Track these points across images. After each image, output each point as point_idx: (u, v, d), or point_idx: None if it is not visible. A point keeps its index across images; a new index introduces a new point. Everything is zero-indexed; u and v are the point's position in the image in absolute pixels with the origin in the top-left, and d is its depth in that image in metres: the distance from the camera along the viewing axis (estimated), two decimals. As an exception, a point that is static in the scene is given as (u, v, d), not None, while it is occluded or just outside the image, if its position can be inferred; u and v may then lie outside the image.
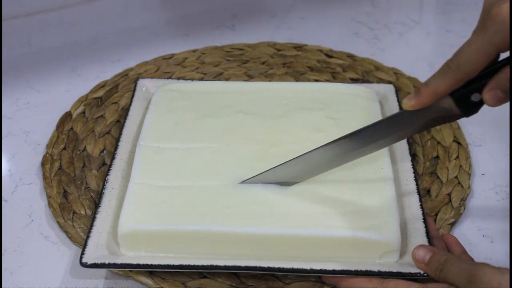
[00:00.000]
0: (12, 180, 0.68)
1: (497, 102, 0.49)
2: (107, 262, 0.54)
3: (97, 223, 0.58)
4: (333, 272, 0.53)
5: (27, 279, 0.58)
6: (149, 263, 0.54)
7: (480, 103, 0.51)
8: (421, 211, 0.59)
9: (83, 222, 0.62)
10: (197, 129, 0.66)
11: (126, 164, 0.65)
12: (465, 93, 0.50)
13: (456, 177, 0.67)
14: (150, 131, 0.66)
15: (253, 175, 0.60)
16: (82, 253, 0.55)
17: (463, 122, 0.74)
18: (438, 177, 0.67)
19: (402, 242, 0.56)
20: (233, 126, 0.66)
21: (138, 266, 0.54)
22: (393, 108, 0.71)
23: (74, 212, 0.63)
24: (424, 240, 0.56)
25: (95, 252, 0.55)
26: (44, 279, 0.58)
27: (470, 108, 0.51)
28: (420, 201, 0.60)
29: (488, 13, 0.47)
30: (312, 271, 0.53)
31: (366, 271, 0.53)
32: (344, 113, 0.68)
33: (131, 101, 0.72)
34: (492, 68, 0.49)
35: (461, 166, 0.68)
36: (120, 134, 0.68)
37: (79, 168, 0.68)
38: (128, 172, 0.63)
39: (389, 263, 0.55)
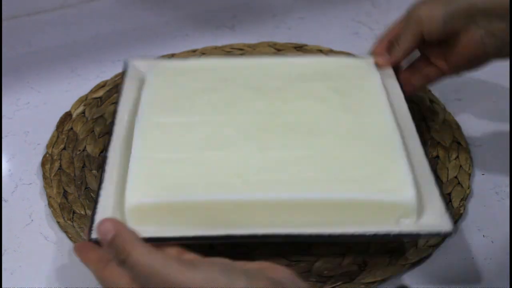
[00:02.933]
0: (12, 180, 0.68)
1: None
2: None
3: (101, 199, 0.56)
4: (353, 236, 0.52)
5: (27, 279, 0.58)
6: (162, 235, 0.52)
7: None
8: (432, 173, 0.58)
9: (83, 222, 0.62)
10: (196, 103, 0.65)
11: (125, 142, 0.62)
12: None
13: (456, 177, 0.67)
14: (149, 106, 0.65)
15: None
16: (91, 229, 0.52)
17: (463, 122, 0.74)
18: (438, 177, 0.67)
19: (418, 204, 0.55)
20: (234, 99, 0.65)
21: (151, 239, 0.51)
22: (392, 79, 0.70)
23: (74, 212, 0.63)
24: (441, 205, 0.54)
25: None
26: (44, 279, 0.58)
27: None
28: (430, 167, 0.58)
29: None
30: (331, 237, 0.52)
31: (385, 234, 0.52)
32: (346, 84, 0.67)
33: (122, 80, 0.70)
34: None
35: (461, 166, 0.68)
36: (115, 111, 0.65)
37: (79, 168, 0.68)
38: (128, 148, 0.61)
39: (407, 225, 0.54)
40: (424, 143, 0.62)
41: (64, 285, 0.57)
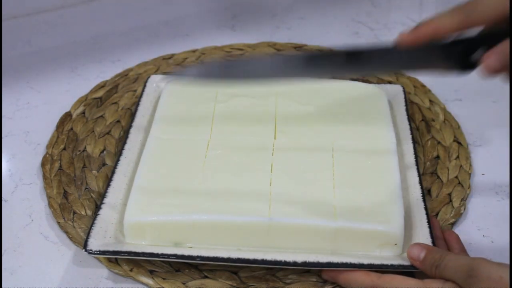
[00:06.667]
0: (12, 180, 0.68)
1: (492, 69, 0.47)
2: (116, 249, 0.55)
3: (102, 212, 0.59)
4: (342, 265, 0.54)
5: (27, 279, 0.58)
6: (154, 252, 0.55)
7: (476, 65, 0.49)
8: (425, 212, 0.59)
9: (84, 223, 0.62)
10: (207, 121, 0.66)
11: (136, 155, 0.66)
12: (470, 47, 0.48)
13: (456, 177, 0.67)
14: (161, 123, 0.67)
15: None
16: (87, 239, 0.56)
17: (463, 122, 0.74)
18: (438, 177, 0.67)
19: (405, 238, 0.56)
20: (241, 122, 0.66)
21: (152, 255, 0.55)
22: (402, 108, 0.72)
23: (74, 213, 0.63)
24: (427, 239, 0.56)
25: (101, 240, 0.56)
26: (44, 279, 0.58)
27: (466, 65, 0.50)
28: (424, 202, 0.60)
29: None
30: (319, 264, 0.54)
31: (369, 264, 0.54)
32: (355, 117, 0.67)
33: (141, 94, 0.73)
34: (500, 32, 0.46)
35: (461, 166, 0.68)
36: (130, 125, 0.69)
37: (79, 168, 0.68)
38: (138, 162, 0.64)
39: (392, 257, 0.55)
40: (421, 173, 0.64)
41: (64, 285, 0.57)
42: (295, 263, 0.54)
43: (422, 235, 0.56)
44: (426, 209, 0.59)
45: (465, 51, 0.49)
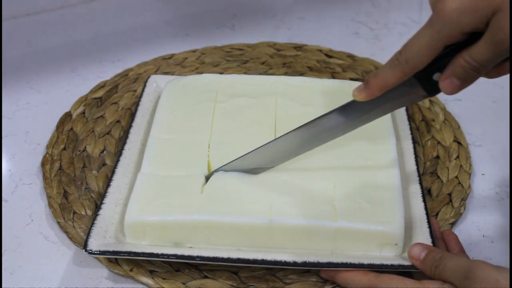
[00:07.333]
0: (12, 180, 0.68)
1: (454, 90, 0.50)
2: (116, 249, 0.55)
3: (102, 212, 0.59)
4: (342, 265, 0.54)
5: (27, 279, 0.58)
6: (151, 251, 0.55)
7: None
8: (425, 212, 0.59)
9: (84, 223, 0.62)
10: (207, 121, 0.66)
11: (137, 155, 0.66)
12: (427, 73, 0.51)
13: (456, 177, 0.67)
14: (161, 123, 0.67)
15: (225, 164, 0.61)
16: (87, 239, 0.56)
17: (463, 122, 0.74)
18: (438, 177, 0.67)
19: (405, 238, 0.56)
20: (245, 119, 0.66)
21: (152, 255, 0.55)
22: (402, 110, 0.72)
23: (74, 213, 0.63)
24: (427, 239, 0.56)
25: (101, 240, 0.56)
26: (44, 279, 0.58)
27: (433, 87, 0.52)
28: (424, 202, 0.60)
29: (434, 10, 0.49)
30: (319, 264, 0.54)
31: (369, 264, 0.54)
32: None
33: (141, 94, 0.73)
34: (450, 49, 0.49)
35: (461, 166, 0.68)
36: (130, 126, 0.69)
37: (79, 168, 0.68)
38: (138, 162, 0.64)
39: (392, 257, 0.55)
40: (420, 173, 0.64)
41: (64, 285, 0.57)
42: (295, 263, 0.54)
43: (422, 235, 0.56)
44: (426, 209, 0.59)
45: (424, 75, 0.51)
